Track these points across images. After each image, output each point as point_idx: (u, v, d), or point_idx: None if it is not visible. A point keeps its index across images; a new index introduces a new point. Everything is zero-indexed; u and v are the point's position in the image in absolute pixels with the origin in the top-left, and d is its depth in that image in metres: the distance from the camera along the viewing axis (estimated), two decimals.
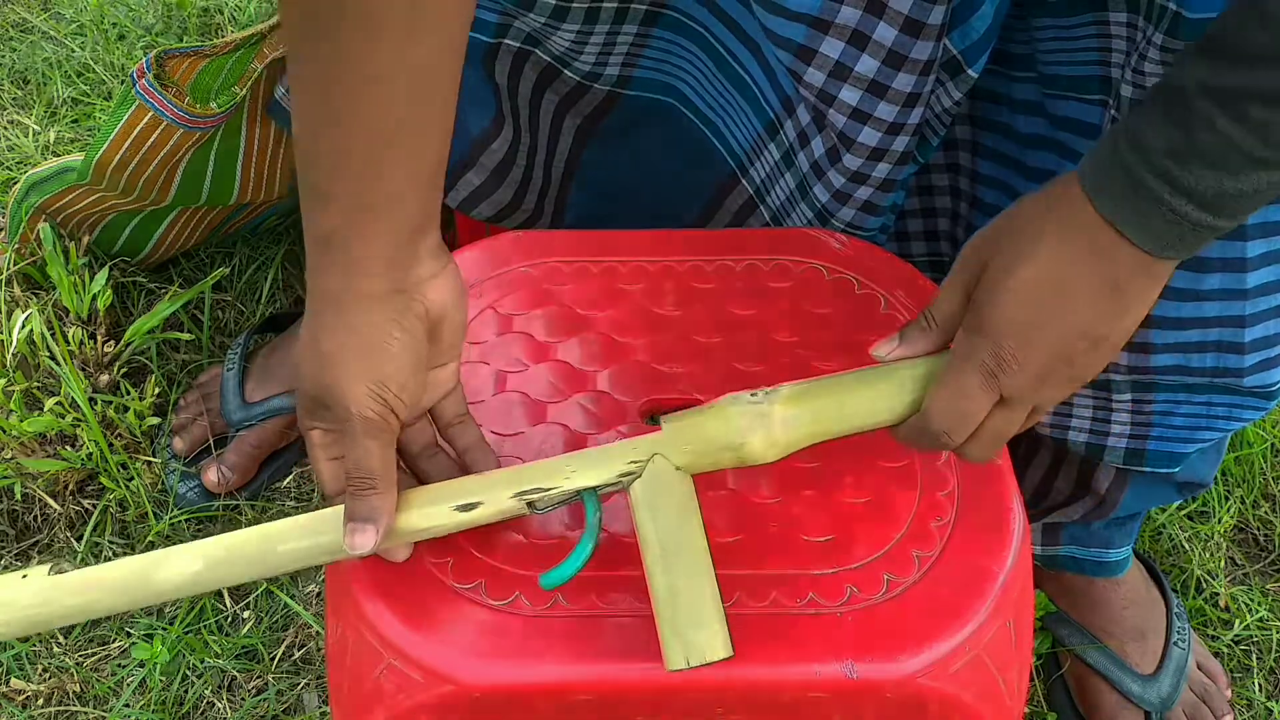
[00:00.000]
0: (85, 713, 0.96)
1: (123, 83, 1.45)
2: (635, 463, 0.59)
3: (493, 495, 0.59)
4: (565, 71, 0.84)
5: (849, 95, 0.74)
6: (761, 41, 0.77)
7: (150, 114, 0.98)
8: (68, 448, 1.05)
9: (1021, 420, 0.63)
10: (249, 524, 1.07)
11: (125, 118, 0.99)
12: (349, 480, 0.59)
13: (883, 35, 0.70)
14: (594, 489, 0.59)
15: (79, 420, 1.04)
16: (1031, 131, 0.78)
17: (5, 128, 1.40)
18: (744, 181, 0.86)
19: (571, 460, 0.60)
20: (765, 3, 0.71)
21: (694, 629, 0.56)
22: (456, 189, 0.96)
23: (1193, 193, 0.55)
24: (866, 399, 0.62)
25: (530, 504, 0.59)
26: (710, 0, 0.79)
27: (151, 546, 1.04)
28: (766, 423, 0.59)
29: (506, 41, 0.84)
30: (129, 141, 1.00)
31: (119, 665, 0.98)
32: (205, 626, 1.00)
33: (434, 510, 0.60)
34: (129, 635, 1.00)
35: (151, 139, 1.00)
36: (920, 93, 0.73)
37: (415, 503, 0.60)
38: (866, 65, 0.72)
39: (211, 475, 1.06)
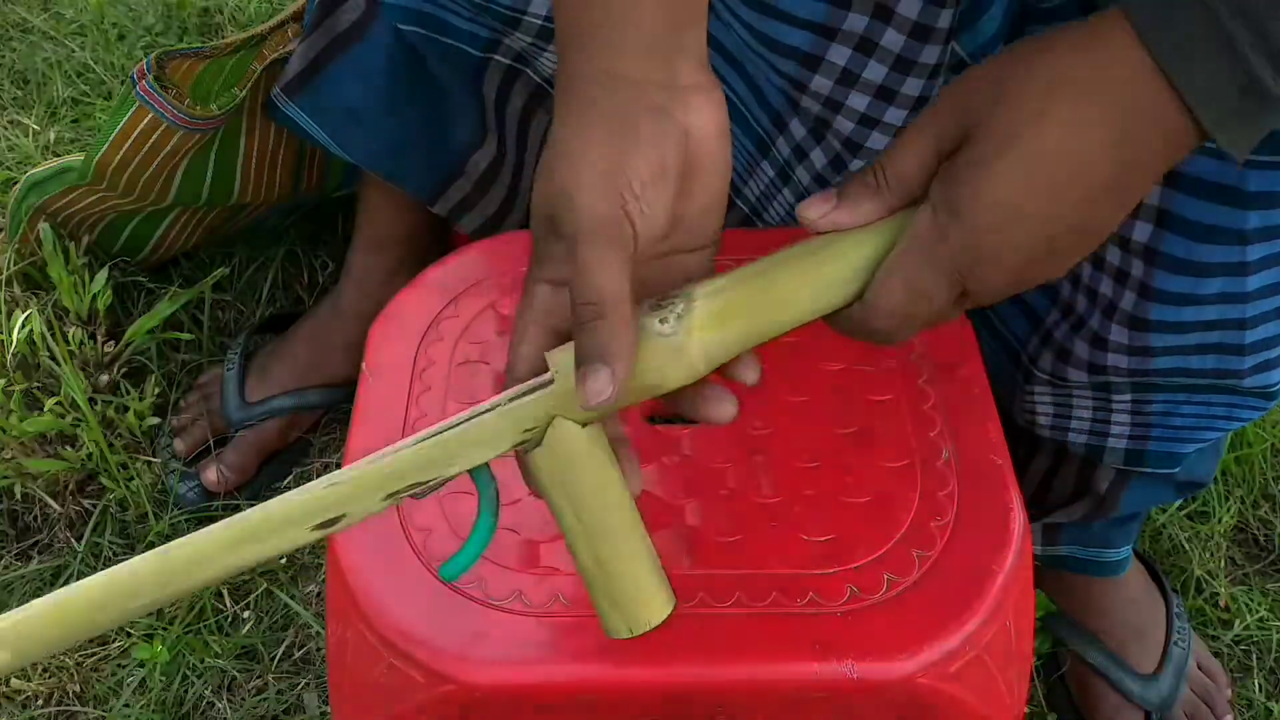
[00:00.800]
0: (85, 713, 0.96)
1: (123, 83, 1.44)
2: (530, 430, 0.50)
3: (358, 505, 0.51)
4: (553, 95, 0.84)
5: (857, 101, 0.73)
6: (746, 59, 0.76)
7: (150, 115, 0.98)
8: (68, 448, 1.05)
9: (961, 314, 0.54)
10: None
11: (126, 119, 0.99)
12: (574, 311, 0.48)
13: (891, 41, 0.70)
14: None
15: (79, 420, 1.04)
16: None
17: (5, 128, 1.40)
18: (738, 202, 0.85)
19: (448, 441, 0.50)
20: (768, 9, 0.71)
21: (630, 597, 0.51)
22: (447, 196, 0.96)
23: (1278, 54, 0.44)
24: (799, 292, 0.51)
25: (412, 498, 0.52)
26: None
27: (151, 546, 1.04)
28: (683, 357, 0.50)
29: (496, 58, 0.83)
30: (129, 142, 1.00)
31: (119, 665, 0.98)
32: (205, 626, 1.00)
33: (287, 533, 0.50)
34: (129, 635, 1.00)
35: (152, 140, 1.00)
36: (929, 96, 0.73)
37: (261, 530, 0.51)
38: (875, 71, 0.71)
39: (211, 475, 1.06)
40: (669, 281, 0.52)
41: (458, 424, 0.50)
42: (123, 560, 1.02)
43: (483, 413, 0.50)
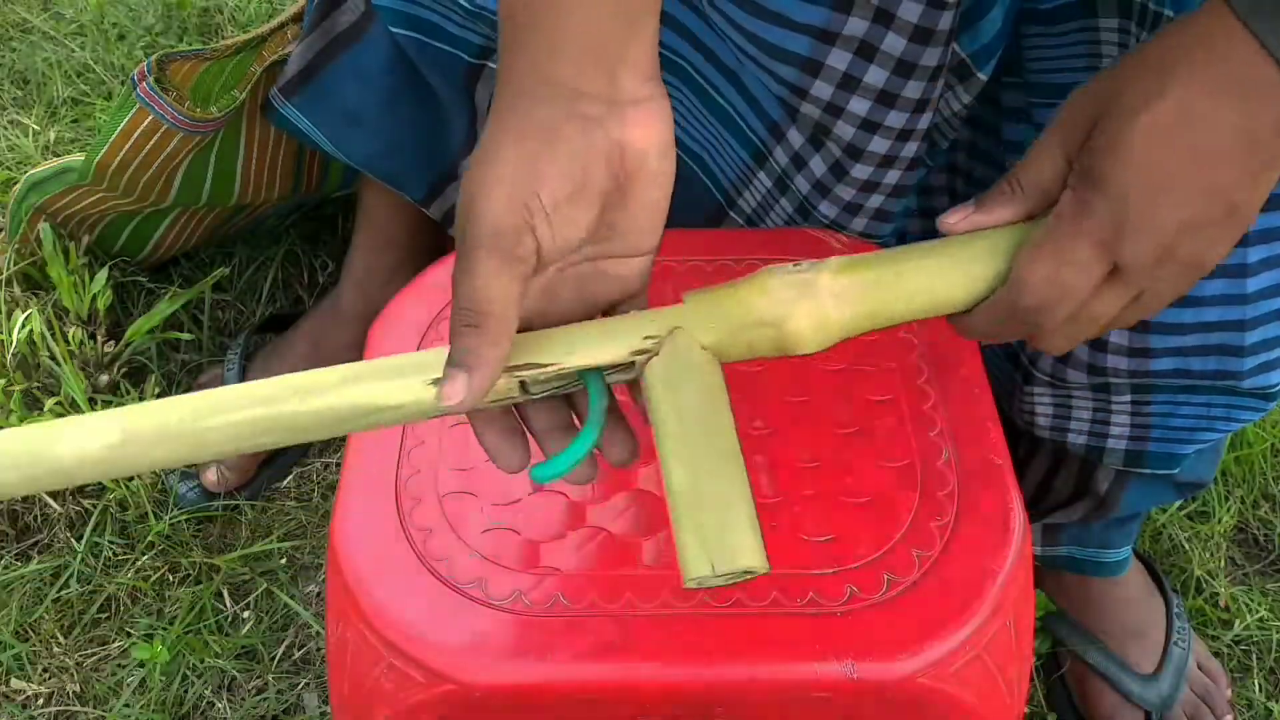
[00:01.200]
0: (85, 713, 0.96)
1: (123, 83, 1.45)
2: (651, 338, 0.49)
3: None
4: None
5: (858, 106, 0.73)
6: (742, 70, 0.76)
7: (151, 117, 0.98)
8: None
9: (1125, 308, 0.53)
10: (248, 524, 1.07)
11: (126, 120, 0.99)
12: (454, 313, 0.48)
13: (892, 45, 0.70)
14: (599, 369, 0.50)
15: None
16: (1017, 138, 0.78)
17: (5, 128, 1.40)
18: (732, 213, 0.85)
19: (574, 332, 0.50)
20: (767, 14, 0.71)
21: (722, 528, 0.47)
22: (443, 198, 0.96)
23: None
24: (934, 271, 0.51)
25: (521, 384, 0.50)
26: (686, 31, 0.78)
27: (151, 546, 1.04)
28: (814, 293, 0.49)
29: (489, 65, 0.83)
30: (129, 144, 1.00)
31: (119, 665, 0.98)
32: (205, 626, 1.00)
33: (400, 384, 0.49)
34: (129, 635, 1.00)
35: (152, 142, 1.00)
36: (930, 98, 0.73)
37: (374, 374, 0.50)
38: (876, 75, 0.71)
39: (211, 475, 1.06)
40: (599, 286, 0.53)
41: (587, 324, 0.51)
42: (122, 561, 1.02)
43: (610, 320, 0.50)
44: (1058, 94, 0.72)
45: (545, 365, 0.49)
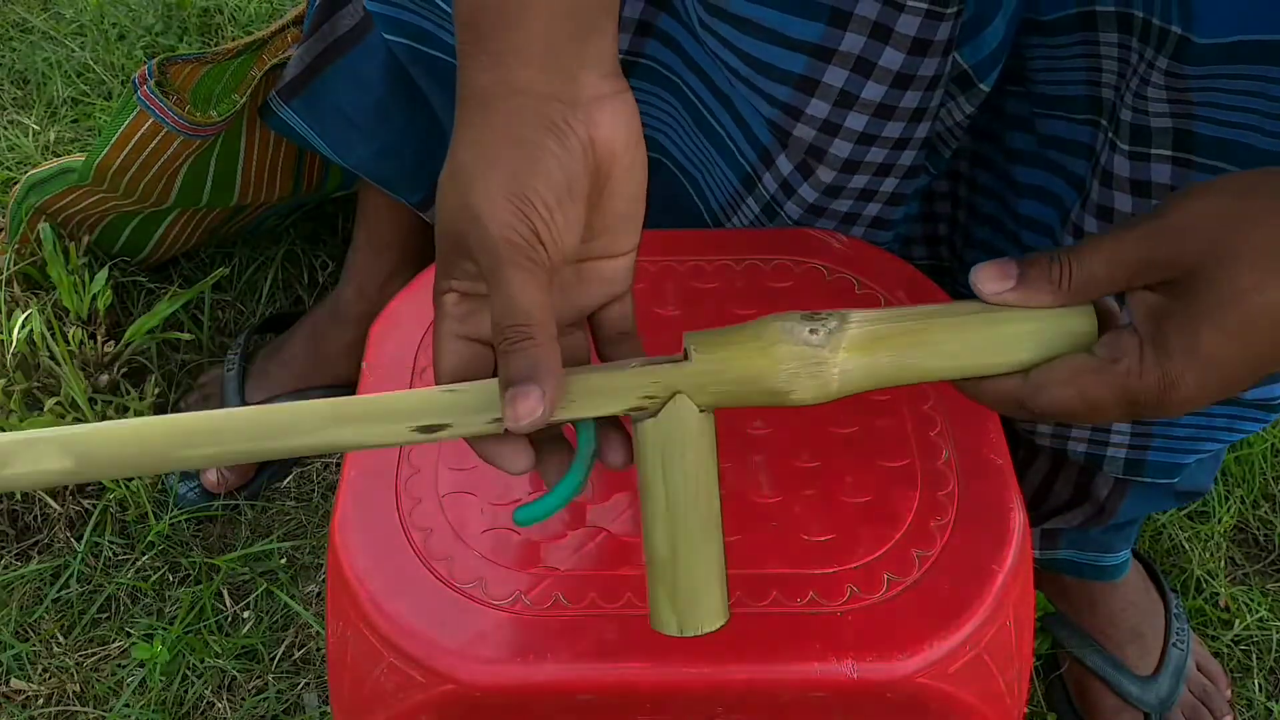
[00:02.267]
0: (85, 713, 0.96)
1: (123, 83, 1.45)
2: (651, 399, 0.49)
3: (466, 418, 0.49)
4: None
5: (855, 122, 0.72)
6: (734, 93, 0.76)
7: (151, 120, 0.98)
8: None
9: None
10: (248, 524, 1.07)
11: (126, 123, 0.99)
12: (499, 334, 0.48)
13: (890, 60, 0.69)
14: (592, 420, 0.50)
15: (79, 420, 1.04)
16: (1019, 147, 0.77)
17: (5, 128, 1.40)
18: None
19: (572, 382, 0.50)
20: (763, 32, 0.70)
21: (692, 596, 0.49)
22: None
23: None
24: (955, 354, 0.51)
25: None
26: (682, 50, 0.77)
27: (151, 546, 1.04)
28: (822, 371, 0.49)
29: None
30: (130, 146, 1.00)
31: (119, 665, 0.98)
32: (205, 626, 1.00)
33: (387, 429, 0.49)
34: (129, 635, 1.00)
35: (152, 144, 1.00)
36: (927, 107, 0.72)
37: (360, 416, 0.49)
38: (874, 91, 0.70)
39: (211, 475, 1.06)
40: (586, 290, 0.53)
41: (586, 371, 0.50)
42: (122, 561, 1.02)
43: (611, 370, 0.50)
44: (1057, 105, 0.72)
45: None
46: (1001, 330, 0.50)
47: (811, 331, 0.49)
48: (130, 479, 1.06)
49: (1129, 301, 0.50)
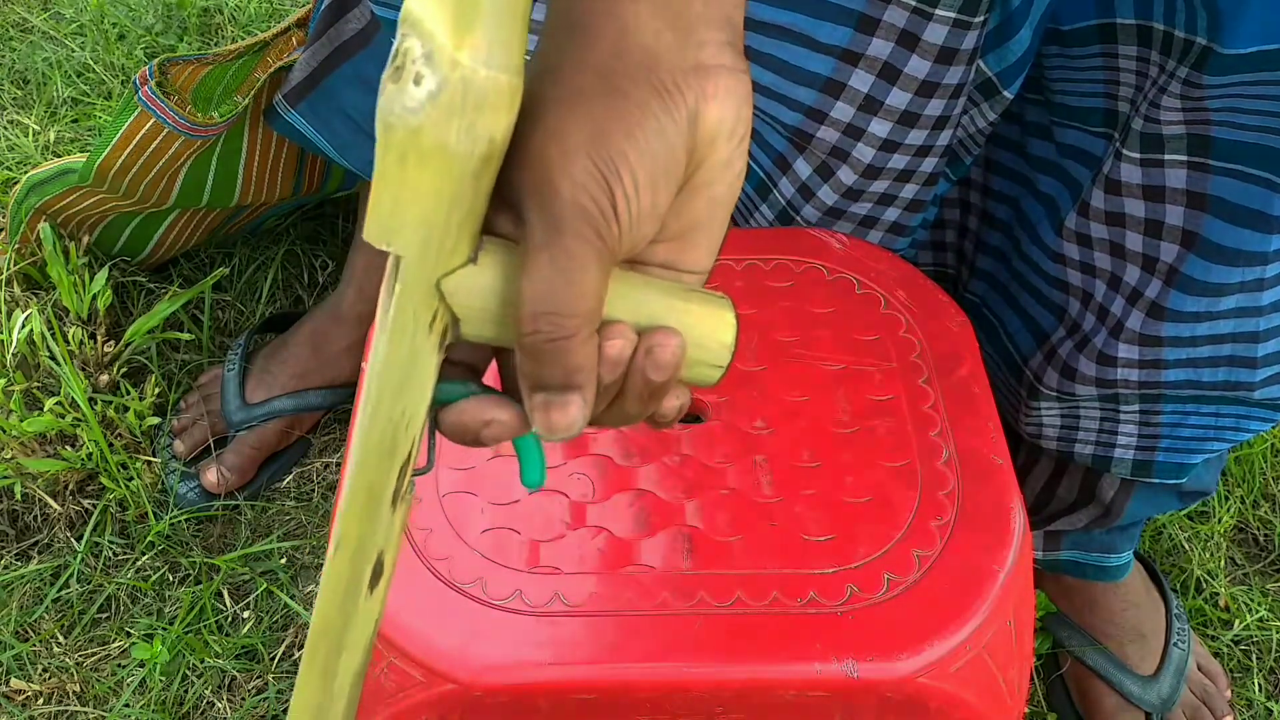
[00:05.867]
0: (85, 713, 0.96)
1: (123, 83, 1.45)
2: (435, 319, 0.39)
3: (378, 535, 0.42)
4: None
5: (879, 128, 0.72)
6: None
7: (152, 121, 0.98)
8: (68, 448, 1.05)
9: None
10: (248, 524, 1.07)
11: (128, 124, 0.99)
12: (530, 320, 0.38)
13: (915, 68, 0.69)
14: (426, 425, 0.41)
15: (79, 420, 1.04)
16: (1041, 154, 0.77)
17: (5, 128, 1.40)
18: None
19: (376, 414, 0.40)
20: (790, 36, 0.69)
21: (701, 337, 0.42)
22: None
23: None
24: None
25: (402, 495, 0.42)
26: None
27: (151, 546, 1.04)
28: (470, 98, 0.36)
29: None
30: (131, 147, 1.00)
31: (119, 665, 0.98)
32: (205, 626, 1.00)
33: (358, 621, 0.43)
34: (129, 635, 1.00)
35: (153, 145, 1.00)
36: (950, 115, 0.72)
37: (333, 642, 0.43)
38: (898, 98, 0.70)
39: (211, 476, 1.06)
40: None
41: (369, 388, 0.40)
42: (122, 561, 1.02)
43: (374, 355, 0.40)
44: (1073, 116, 0.72)
45: (410, 455, 0.41)
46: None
47: (416, 82, 0.35)
48: (130, 479, 1.06)
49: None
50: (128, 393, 1.09)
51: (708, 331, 0.42)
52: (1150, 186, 0.68)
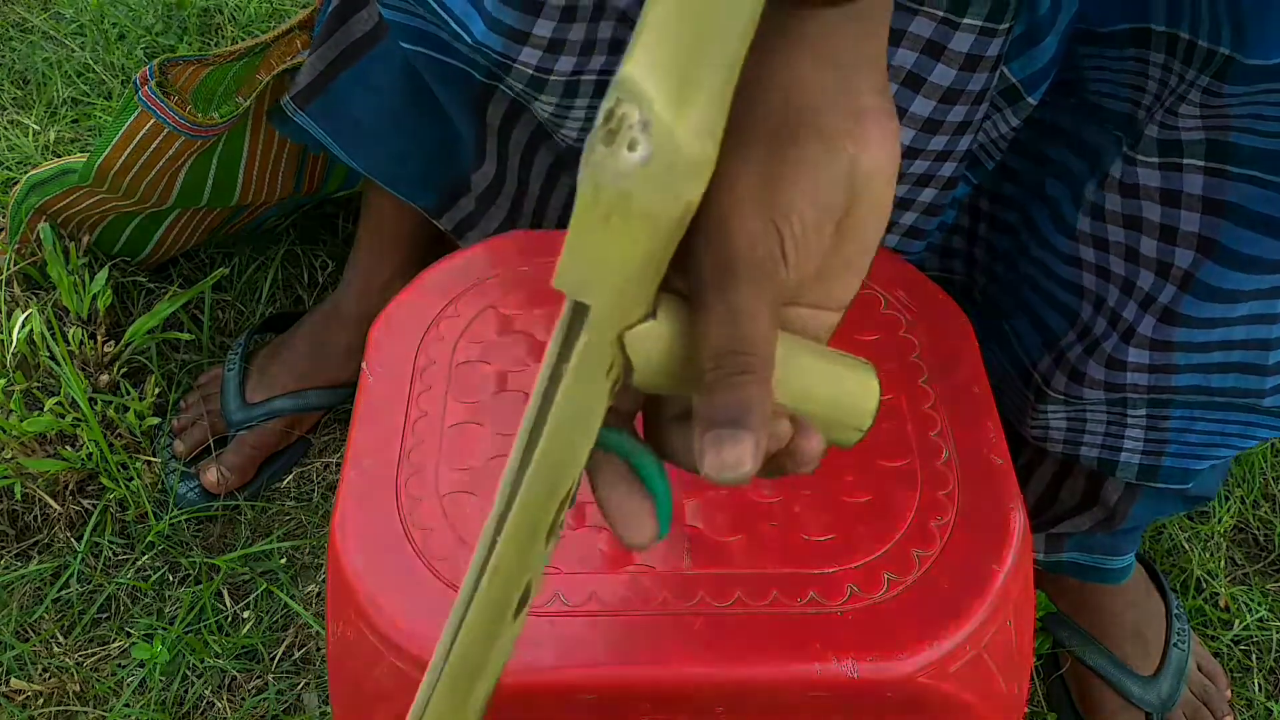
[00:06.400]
0: (85, 713, 0.96)
1: (123, 83, 1.45)
2: (611, 370, 0.41)
3: (529, 567, 0.43)
4: (555, 136, 0.84)
5: (902, 136, 0.72)
6: None
7: (153, 121, 0.99)
8: (68, 448, 1.05)
9: None
10: (248, 524, 1.07)
11: (128, 124, 0.99)
12: (714, 360, 0.39)
13: (940, 76, 0.68)
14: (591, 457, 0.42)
15: (79, 420, 1.04)
16: (1053, 156, 0.77)
17: (5, 128, 1.40)
18: None
19: (545, 458, 0.41)
20: None
21: (843, 409, 0.43)
22: (454, 210, 0.96)
23: None
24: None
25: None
26: None
27: (151, 546, 1.04)
28: (674, 172, 0.37)
29: (502, 87, 0.83)
30: (131, 147, 1.00)
31: (119, 665, 0.98)
32: (205, 626, 1.00)
33: (501, 642, 0.44)
34: (129, 635, 1.00)
35: (154, 145, 1.00)
36: (972, 120, 0.72)
37: (472, 665, 0.44)
38: (922, 106, 0.70)
39: (211, 476, 1.06)
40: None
41: (536, 425, 0.41)
42: (122, 561, 1.02)
43: (544, 395, 0.41)
44: (1099, 116, 0.72)
45: (568, 494, 0.43)
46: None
47: (630, 149, 0.36)
48: (130, 479, 1.06)
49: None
50: (128, 393, 1.09)
51: (855, 400, 0.44)
52: (1168, 191, 0.68)
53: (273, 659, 0.99)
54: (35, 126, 1.40)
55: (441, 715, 0.45)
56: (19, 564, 1.04)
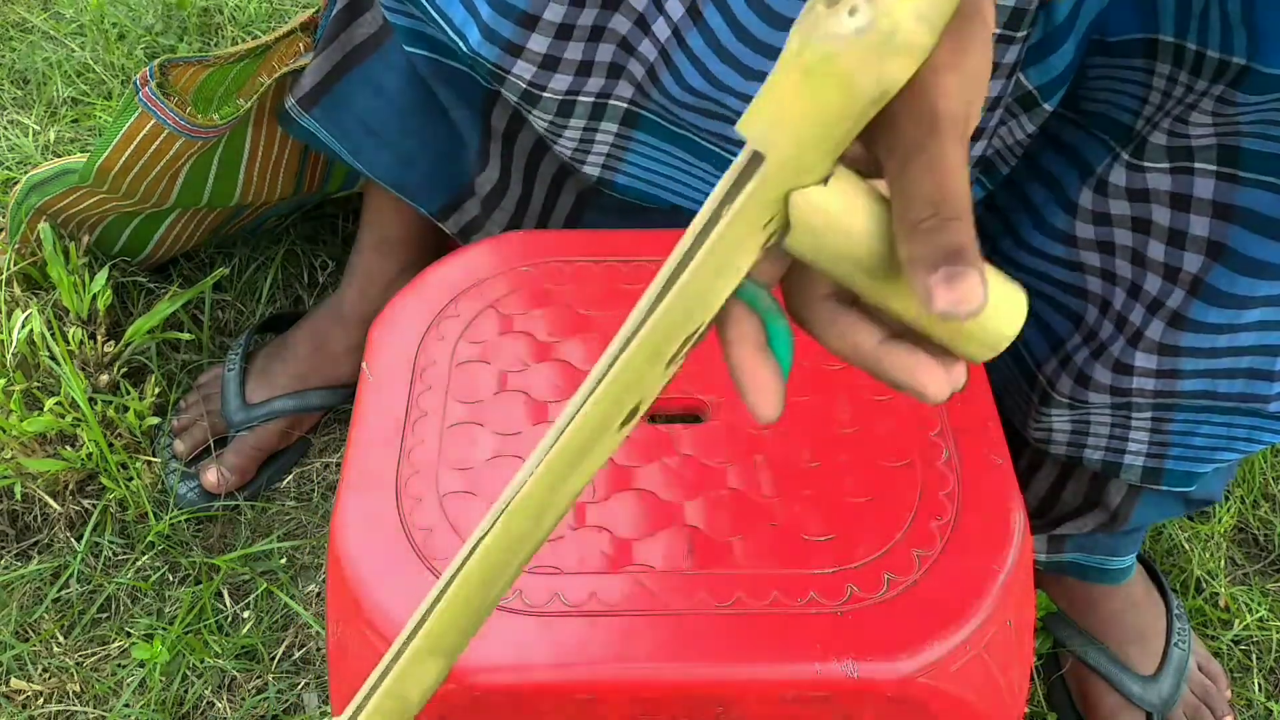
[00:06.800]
0: (85, 713, 0.96)
1: (123, 83, 1.45)
2: (769, 223, 0.41)
3: (646, 387, 0.44)
4: (553, 150, 0.84)
5: None
6: None
7: (153, 122, 0.99)
8: (68, 448, 1.05)
9: None
10: (248, 524, 1.07)
11: (128, 125, 0.99)
12: (926, 209, 0.39)
13: None
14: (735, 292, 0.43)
15: (79, 420, 1.04)
16: (1048, 168, 0.77)
17: (5, 128, 1.40)
18: None
19: (688, 284, 0.42)
20: None
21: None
22: (460, 213, 0.96)
23: None
24: None
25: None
26: (695, 91, 0.77)
27: (151, 546, 1.04)
28: (895, 38, 0.37)
29: (504, 92, 0.83)
30: (131, 148, 1.00)
31: (119, 665, 0.98)
32: (205, 626, 1.00)
33: (596, 451, 0.45)
34: (129, 635, 1.00)
35: (154, 146, 1.00)
36: (987, 127, 0.72)
37: (571, 457, 0.45)
38: None
39: (211, 476, 1.06)
40: None
41: (685, 257, 0.42)
42: (122, 561, 1.02)
43: (700, 232, 0.41)
44: (1098, 125, 0.72)
45: (696, 331, 0.43)
46: None
47: (851, 14, 0.37)
48: (130, 479, 1.06)
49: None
50: (128, 393, 1.09)
51: (1002, 314, 0.43)
52: (1178, 195, 0.68)
53: (273, 659, 0.99)
54: (35, 126, 1.40)
55: (536, 499, 0.46)
56: (19, 564, 1.04)
